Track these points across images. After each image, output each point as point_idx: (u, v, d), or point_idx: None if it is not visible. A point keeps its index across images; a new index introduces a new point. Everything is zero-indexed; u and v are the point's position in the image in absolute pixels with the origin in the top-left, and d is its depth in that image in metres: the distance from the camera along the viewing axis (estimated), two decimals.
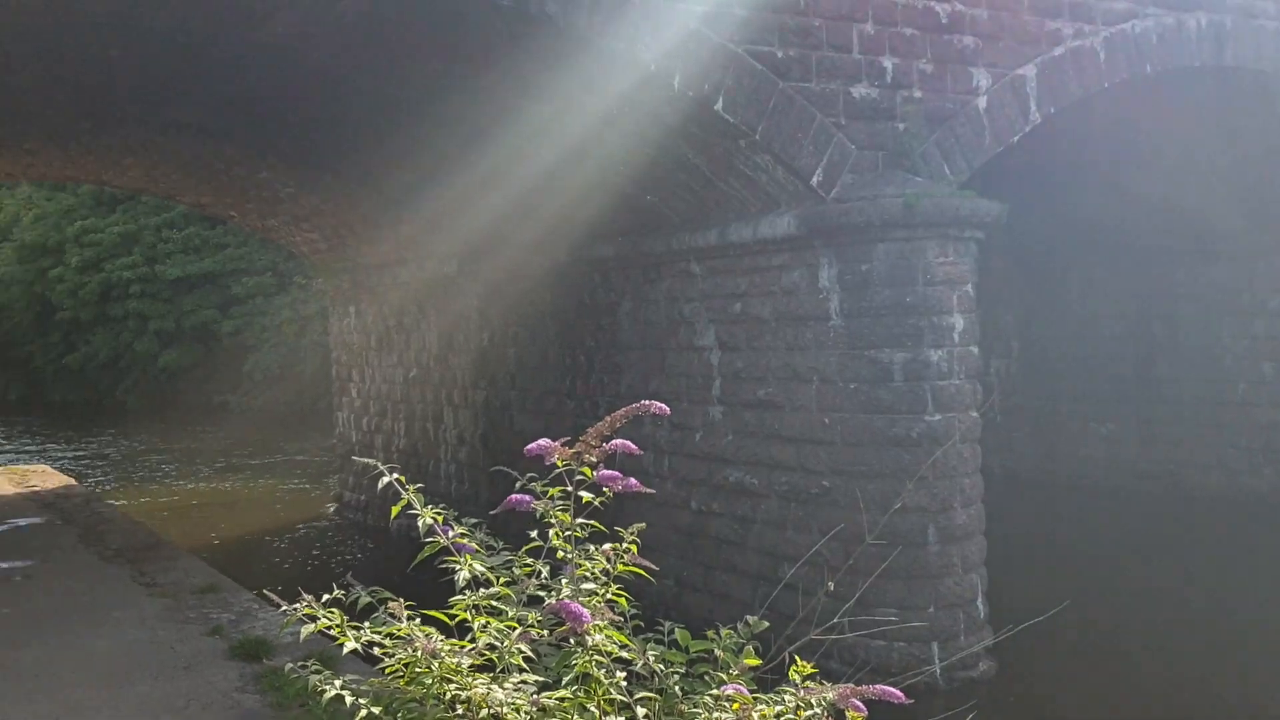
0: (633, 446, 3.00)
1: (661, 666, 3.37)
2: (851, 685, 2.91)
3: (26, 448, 32.17)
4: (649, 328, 12.49)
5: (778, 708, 3.05)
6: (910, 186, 9.78)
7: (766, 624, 3.68)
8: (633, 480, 3.08)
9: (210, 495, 23.38)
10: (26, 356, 50.41)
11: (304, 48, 10.65)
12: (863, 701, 2.94)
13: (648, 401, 3.02)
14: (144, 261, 43.77)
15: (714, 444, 11.43)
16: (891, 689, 2.88)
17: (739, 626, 3.66)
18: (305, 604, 3.23)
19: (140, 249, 44.10)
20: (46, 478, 18.01)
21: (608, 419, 3.04)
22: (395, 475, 3.35)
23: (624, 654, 3.12)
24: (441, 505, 3.60)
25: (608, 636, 3.06)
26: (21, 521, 13.28)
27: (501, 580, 3.32)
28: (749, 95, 9.61)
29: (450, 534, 3.31)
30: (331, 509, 20.92)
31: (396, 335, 18.81)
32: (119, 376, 46.41)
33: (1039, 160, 14.06)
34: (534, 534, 3.52)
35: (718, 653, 3.54)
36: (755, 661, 3.36)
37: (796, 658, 3.21)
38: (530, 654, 3.21)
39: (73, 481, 18.14)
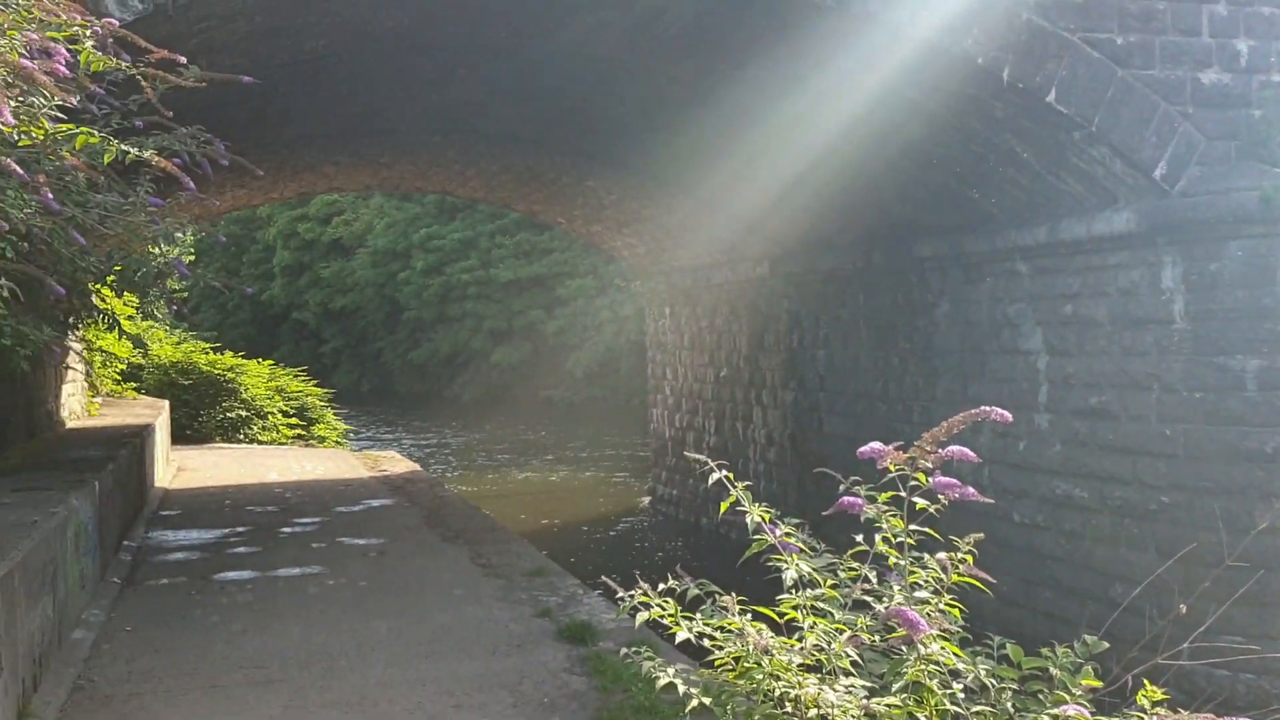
0: (970, 454, 2.92)
1: (993, 681, 3.27)
2: (1212, 716, 2.69)
3: (379, 435, 35.38)
4: (969, 329, 12.07)
5: None
6: (1268, 179, 8.91)
7: (1106, 644, 3.48)
8: (970, 489, 3.00)
9: (534, 484, 24.83)
10: (377, 352, 55.39)
11: (630, 59, 11.10)
12: None
13: (988, 408, 2.93)
14: (480, 265, 47.07)
15: (1040, 454, 10.88)
16: None
17: (1076, 645, 3.48)
18: (640, 592, 3.37)
19: (477, 254, 47.45)
20: (395, 463, 19.73)
21: (944, 424, 2.97)
22: (724, 473, 3.43)
23: (959, 665, 3.05)
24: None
25: (943, 647, 3.00)
26: (375, 502, 14.62)
27: (828, 583, 3.33)
28: (1085, 85, 9.09)
29: (777, 533, 3.36)
30: (645, 502, 21.67)
31: (708, 336, 19.22)
32: (456, 371, 50.09)
33: None
34: (859, 538, 3.50)
35: (1053, 671, 3.38)
36: (1096, 683, 3.18)
37: (1146, 681, 3.02)
38: (856, 658, 3.19)
39: (417, 467, 19.77)
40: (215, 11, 7.96)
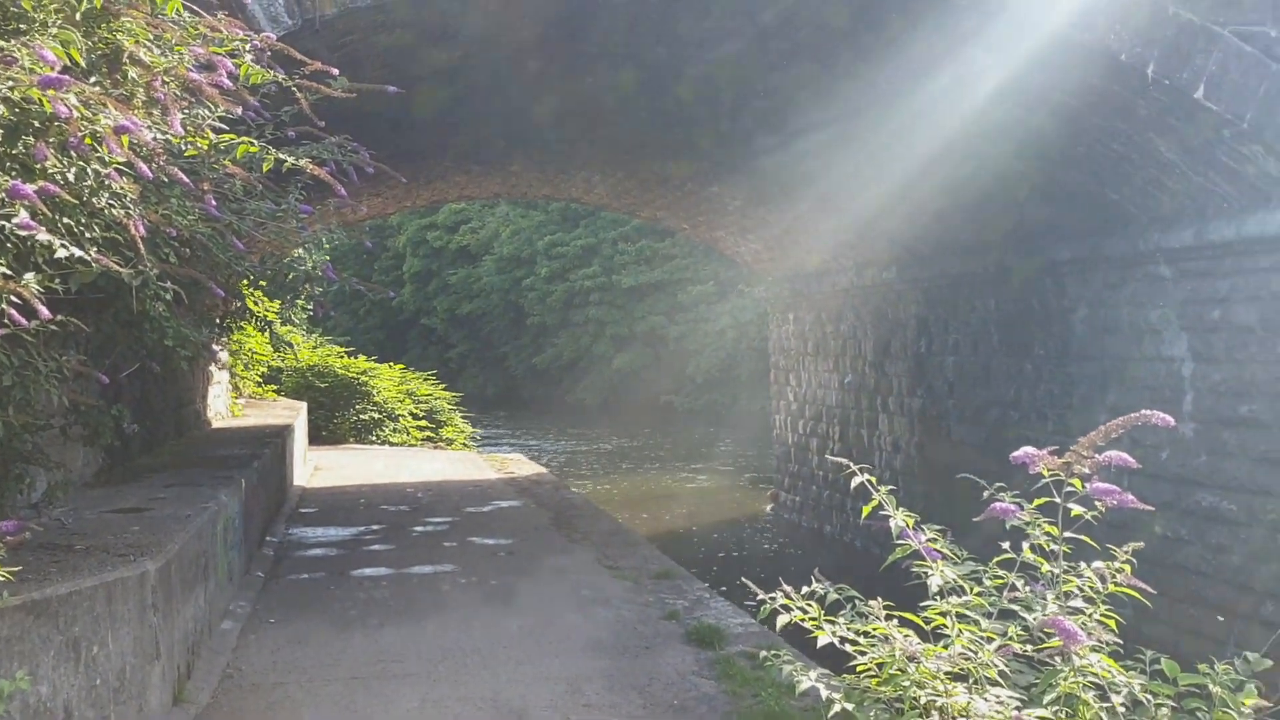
0: (1130, 460, 2.83)
1: (1149, 697, 3.16)
2: None
3: (504, 438, 35.98)
4: (1107, 335, 11.66)
5: None
6: None
7: (1270, 663, 3.33)
8: (1129, 496, 2.91)
9: (655, 488, 24.91)
10: (502, 357, 56.35)
11: (757, 60, 11.07)
12: None
13: (1149, 412, 2.84)
14: (602, 272, 47.52)
15: (1184, 464, 10.45)
16: None
17: (1236, 663, 3.34)
18: (781, 594, 3.36)
19: (599, 260, 47.92)
20: (522, 465, 20.05)
21: (1102, 429, 2.89)
22: (866, 476, 3.40)
23: (1116, 679, 2.95)
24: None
25: (1099, 659, 2.91)
26: (504, 503, 14.88)
27: (974, 590, 3.27)
28: (1236, 81, 8.71)
29: (922, 539, 3.31)
30: (769, 508, 21.54)
31: (833, 341, 19.00)
32: (579, 376, 50.63)
33: None
34: (1005, 545, 3.43)
35: (1212, 688, 3.25)
36: (1263, 702, 3.05)
37: None
38: (1004, 668, 3.13)
39: (543, 470, 20.06)
40: (359, 24, 8.23)
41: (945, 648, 3.12)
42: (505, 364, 56.30)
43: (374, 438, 24.20)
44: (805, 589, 3.32)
